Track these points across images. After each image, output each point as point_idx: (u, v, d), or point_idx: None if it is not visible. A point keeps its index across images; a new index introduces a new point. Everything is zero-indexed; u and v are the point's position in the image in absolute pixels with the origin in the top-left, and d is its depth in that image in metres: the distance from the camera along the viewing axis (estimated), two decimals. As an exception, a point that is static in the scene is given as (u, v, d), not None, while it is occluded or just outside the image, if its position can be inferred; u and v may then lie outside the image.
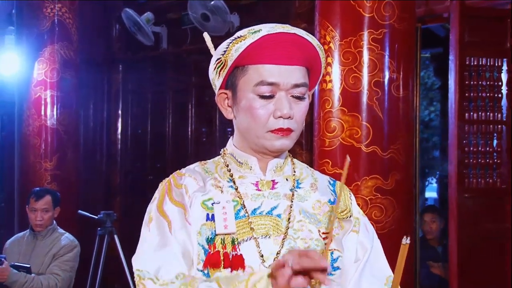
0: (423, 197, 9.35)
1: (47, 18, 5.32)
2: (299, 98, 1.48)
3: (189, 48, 6.17)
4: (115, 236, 4.68)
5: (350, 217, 1.56)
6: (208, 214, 1.46)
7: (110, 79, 6.98)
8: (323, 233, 1.49)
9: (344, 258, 1.51)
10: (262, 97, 1.46)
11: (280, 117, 1.46)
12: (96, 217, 4.78)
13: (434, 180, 10.92)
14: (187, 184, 1.51)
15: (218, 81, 1.53)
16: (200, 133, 6.31)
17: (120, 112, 6.96)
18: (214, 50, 1.54)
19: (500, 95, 4.33)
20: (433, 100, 10.48)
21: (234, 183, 1.52)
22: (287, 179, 1.55)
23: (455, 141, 4.15)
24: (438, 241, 4.93)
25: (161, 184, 1.54)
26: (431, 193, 10.96)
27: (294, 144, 1.52)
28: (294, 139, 1.51)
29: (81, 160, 5.81)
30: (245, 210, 1.48)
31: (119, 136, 6.96)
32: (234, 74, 1.50)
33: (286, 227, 1.47)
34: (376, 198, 3.36)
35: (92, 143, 6.81)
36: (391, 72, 3.39)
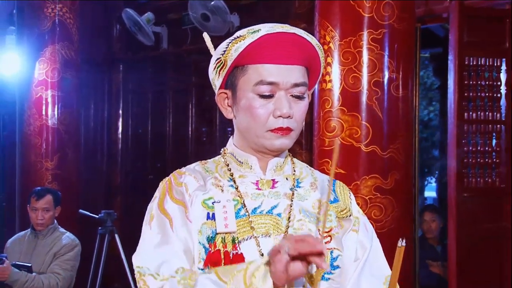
0: (423, 197, 9.33)
1: (48, 18, 5.32)
2: (299, 98, 1.48)
3: (189, 48, 6.17)
4: (116, 235, 4.70)
5: (350, 216, 1.57)
6: (209, 213, 1.47)
7: (111, 79, 6.98)
8: (323, 232, 1.49)
9: (344, 257, 1.51)
10: (262, 97, 1.46)
11: (280, 117, 1.46)
12: (97, 216, 4.80)
13: (434, 180, 10.91)
14: (187, 183, 1.51)
15: (218, 81, 1.54)
16: (200, 133, 6.31)
17: (121, 112, 6.96)
18: (214, 50, 1.54)
19: (499, 95, 4.33)
20: (433, 100, 10.48)
21: (235, 182, 1.52)
22: (287, 178, 1.55)
23: (454, 141, 4.15)
24: (438, 240, 4.94)
25: (162, 183, 1.54)
26: (431, 193, 10.93)
27: (294, 144, 1.52)
28: (294, 139, 1.50)
29: (82, 160, 5.81)
30: (246, 209, 1.48)
31: (120, 136, 6.96)
32: (234, 74, 1.50)
33: (286, 226, 1.48)
34: (376, 198, 3.36)
35: (93, 143, 6.80)
36: (391, 72, 3.38)
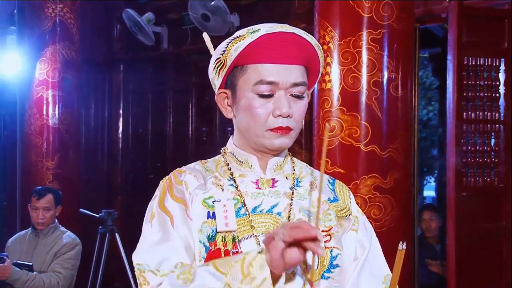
0: (422, 196, 9.34)
1: (49, 18, 5.33)
2: (298, 97, 1.48)
3: (190, 48, 6.18)
4: (116, 235, 4.70)
5: (349, 216, 1.57)
6: (209, 212, 1.47)
7: (111, 79, 6.98)
8: (323, 231, 1.50)
9: (343, 256, 1.52)
10: (262, 96, 1.46)
11: (279, 116, 1.46)
12: (98, 216, 4.80)
13: (433, 179, 10.92)
14: (187, 181, 1.51)
15: (218, 81, 1.54)
16: (201, 133, 6.31)
17: (121, 112, 6.97)
18: (214, 50, 1.54)
19: (498, 95, 4.34)
20: (432, 100, 10.46)
21: (235, 182, 1.52)
22: (287, 178, 1.55)
23: (453, 140, 4.15)
24: (437, 239, 4.95)
25: (162, 182, 1.54)
26: (430, 192, 10.94)
27: (294, 143, 1.52)
28: (293, 138, 1.51)
29: (83, 159, 5.80)
30: (246, 208, 1.48)
31: (120, 136, 6.96)
32: (234, 74, 1.50)
33: None
34: (375, 197, 3.36)
35: (94, 143, 6.81)
36: (390, 72, 3.38)
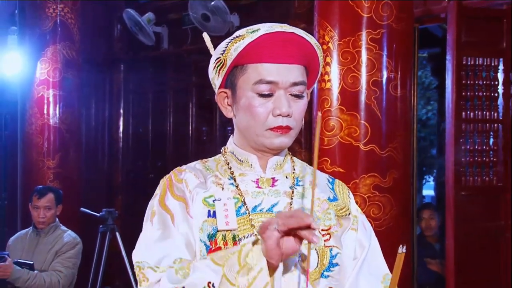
0: (421, 195, 9.34)
1: (50, 18, 5.34)
2: (298, 96, 1.49)
3: (190, 48, 6.19)
4: (117, 233, 4.71)
5: (349, 215, 1.57)
6: (210, 211, 1.47)
7: (112, 79, 6.99)
8: (322, 230, 1.50)
9: (343, 255, 1.52)
10: (261, 96, 1.47)
11: (279, 115, 1.46)
12: (98, 215, 4.81)
13: (432, 178, 10.93)
14: (187, 179, 1.51)
15: (218, 80, 1.54)
16: (201, 132, 6.32)
17: (122, 111, 6.97)
18: (214, 50, 1.54)
19: (497, 94, 4.35)
20: (431, 99, 10.46)
21: (235, 181, 1.52)
22: (287, 177, 1.55)
23: (452, 140, 4.16)
24: (436, 238, 4.97)
25: (162, 180, 1.54)
26: (429, 191, 10.95)
27: (293, 143, 1.53)
28: (293, 137, 1.51)
29: (83, 159, 5.81)
30: (246, 207, 1.48)
31: (121, 135, 6.97)
32: (234, 73, 1.51)
33: None
34: (374, 196, 3.35)
35: (94, 142, 6.81)
36: (389, 72, 3.37)
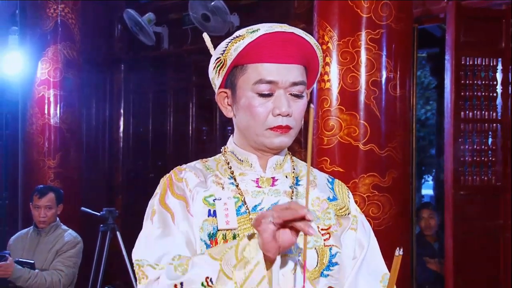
0: (420, 195, 9.36)
1: (50, 19, 5.35)
2: (298, 96, 1.49)
3: (190, 48, 6.20)
4: (117, 233, 4.72)
5: (348, 215, 1.58)
6: (210, 210, 1.47)
7: (112, 79, 7.00)
8: (322, 229, 1.51)
9: (342, 255, 1.53)
10: (261, 95, 1.47)
11: (279, 115, 1.46)
12: (99, 214, 4.82)
13: (431, 178, 10.94)
14: (187, 178, 1.52)
15: (218, 80, 1.54)
16: (201, 132, 6.33)
17: (122, 111, 6.98)
18: (214, 50, 1.54)
19: (495, 94, 4.37)
20: (430, 99, 10.47)
21: (235, 180, 1.52)
22: (287, 176, 1.55)
23: (451, 140, 4.18)
24: (435, 237, 4.98)
25: (162, 179, 1.55)
26: (428, 191, 10.96)
27: (293, 142, 1.53)
28: (293, 137, 1.51)
29: (84, 158, 5.81)
30: (246, 207, 1.48)
31: (121, 135, 6.98)
32: (234, 73, 1.51)
33: None
34: (374, 196, 3.36)
35: (95, 142, 6.82)
36: (388, 72, 3.38)
